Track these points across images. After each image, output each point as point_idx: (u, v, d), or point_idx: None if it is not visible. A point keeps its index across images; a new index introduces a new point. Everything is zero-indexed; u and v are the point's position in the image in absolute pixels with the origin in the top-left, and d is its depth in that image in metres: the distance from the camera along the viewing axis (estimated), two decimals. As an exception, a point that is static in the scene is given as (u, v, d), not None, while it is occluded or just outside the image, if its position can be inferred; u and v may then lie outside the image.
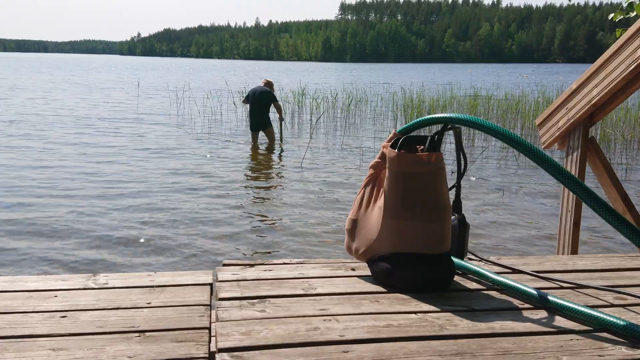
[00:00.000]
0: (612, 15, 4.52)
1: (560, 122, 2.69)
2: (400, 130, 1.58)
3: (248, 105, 9.89)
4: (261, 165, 8.44)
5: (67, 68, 52.28)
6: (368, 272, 1.58)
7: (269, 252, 4.59)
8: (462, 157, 1.58)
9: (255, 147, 9.56)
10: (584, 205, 2.46)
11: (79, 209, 5.60)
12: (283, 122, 10.32)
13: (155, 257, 4.40)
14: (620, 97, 2.46)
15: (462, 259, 1.62)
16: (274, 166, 8.38)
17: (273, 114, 9.91)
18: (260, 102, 9.54)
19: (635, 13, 4.18)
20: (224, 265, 1.64)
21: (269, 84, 9.93)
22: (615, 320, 1.24)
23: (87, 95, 20.21)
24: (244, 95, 10.25)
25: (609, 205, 1.27)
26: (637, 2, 4.16)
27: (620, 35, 2.52)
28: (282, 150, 9.46)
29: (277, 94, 10.94)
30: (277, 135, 10.03)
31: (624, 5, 4.35)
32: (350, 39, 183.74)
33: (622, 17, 4.39)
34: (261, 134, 9.82)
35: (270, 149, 9.54)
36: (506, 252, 4.65)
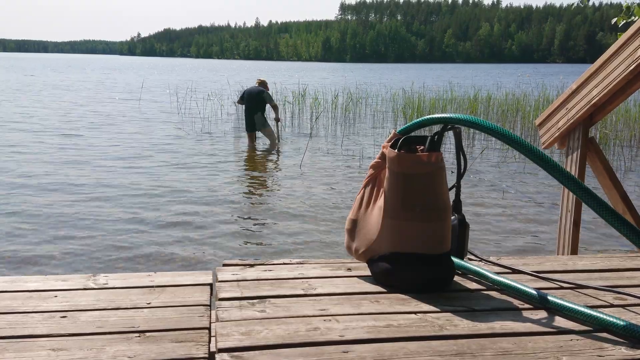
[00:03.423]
0: (615, 19, 4.53)
1: (560, 122, 2.69)
2: (400, 130, 1.58)
3: (243, 105, 9.82)
4: (261, 165, 8.44)
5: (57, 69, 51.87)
6: (368, 272, 1.58)
7: (269, 252, 4.59)
8: (462, 157, 1.58)
9: (252, 148, 9.50)
10: (584, 205, 2.46)
11: (78, 209, 5.60)
12: (279, 122, 10.19)
13: (155, 257, 4.40)
14: (620, 97, 2.46)
15: (462, 259, 1.62)
16: (273, 167, 8.38)
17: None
18: (256, 102, 9.44)
19: (637, 17, 4.19)
20: (224, 265, 1.64)
21: (263, 84, 9.82)
22: (615, 320, 1.24)
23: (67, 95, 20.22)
24: (239, 96, 10.07)
25: (609, 206, 1.27)
26: (636, 5, 4.18)
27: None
28: (279, 151, 9.44)
29: (277, 94, 10.89)
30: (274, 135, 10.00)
31: (625, 7, 4.37)
32: (350, 39, 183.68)
33: (625, 21, 4.40)
34: (260, 134, 9.76)
35: (270, 148, 9.50)
36: (506, 252, 4.65)
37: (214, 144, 9.99)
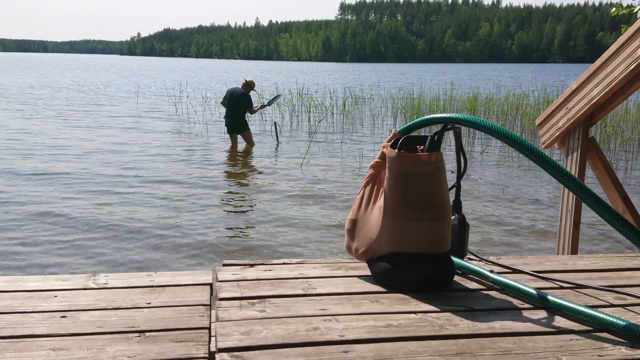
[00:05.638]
0: (613, 9, 4.52)
1: (560, 122, 2.69)
2: (401, 130, 1.58)
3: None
4: (261, 167, 8.43)
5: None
6: (368, 272, 1.58)
7: (269, 252, 4.59)
8: (462, 157, 1.58)
9: (234, 149, 9.32)
10: (584, 205, 2.46)
11: (77, 209, 5.60)
12: (277, 125, 9.90)
13: (155, 257, 4.40)
14: (621, 97, 2.46)
15: (462, 259, 1.62)
16: (274, 168, 8.37)
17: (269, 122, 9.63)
18: (237, 105, 9.22)
19: (636, 9, 4.18)
20: (224, 265, 1.64)
21: (248, 85, 9.45)
22: (615, 320, 1.24)
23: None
24: (223, 97, 9.75)
25: (609, 205, 1.27)
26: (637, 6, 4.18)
27: (625, 31, 2.52)
28: (278, 151, 9.42)
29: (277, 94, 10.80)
30: (273, 137, 9.91)
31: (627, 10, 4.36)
32: (350, 39, 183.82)
33: (621, 12, 4.38)
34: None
35: (246, 150, 9.28)
36: (506, 252, 4.65)
37: (213, 144, 9.98)
